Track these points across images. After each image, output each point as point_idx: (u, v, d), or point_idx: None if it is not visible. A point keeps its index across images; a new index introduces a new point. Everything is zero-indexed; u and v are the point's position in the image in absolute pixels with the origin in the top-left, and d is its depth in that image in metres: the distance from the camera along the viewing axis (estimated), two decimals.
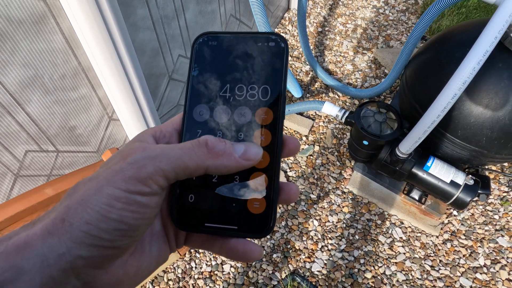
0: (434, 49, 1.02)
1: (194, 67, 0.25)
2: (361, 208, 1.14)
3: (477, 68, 0.76)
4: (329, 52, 1.57)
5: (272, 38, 0.24)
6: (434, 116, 0.83)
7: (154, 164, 0.18)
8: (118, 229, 0.18)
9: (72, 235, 0.17)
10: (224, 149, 0.20)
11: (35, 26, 0.69)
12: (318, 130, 1.31)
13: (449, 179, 1.02)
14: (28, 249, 0.16)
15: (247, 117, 0.23)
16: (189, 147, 0.19)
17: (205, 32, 0.25)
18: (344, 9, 1.76)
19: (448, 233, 1.10)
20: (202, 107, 0.24)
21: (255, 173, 0.23)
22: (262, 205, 0.22)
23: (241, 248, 0.22)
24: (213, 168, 0.20)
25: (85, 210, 0.17)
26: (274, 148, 0.23)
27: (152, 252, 0.22)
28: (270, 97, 0.23)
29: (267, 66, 0.24)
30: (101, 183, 0.18)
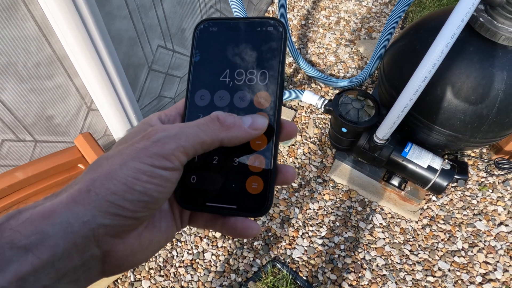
0: (409, 36, 1.04)
1: (196, 53, 0.26)
2: (342, 196, 1.15)
3: (446, 50, 0.78)
4: (312, 44, 1.58)
5: (271, 23, 0.25)
6: (407, 99, 0.85)
7: (175, 141, 0.20)
8: (141, 201, 0.19)
9: (97, 204, 0.18)
10: (234, 122, 0.21)
11: (5, 13, 0.69)
12: (300, 121, 1.32)
13: (426, 164, 1.04)
14: (53, 216, 0.17)
15: (246, 101, 0.24)
16: (203, 123, 0.21)
17: (206, 19, 0.26)
18: (327, 2, 1.78)
19: (427, 218, 1.11)
20: (203, 92, 0.25)
21: (253, 155, 0.24)
22: (260, 186, 0.23)
23: (240, 226, 0.24)
24: (227, 140, 0.22)
25: (112, 182, 0.18)
26: (272, 131, 0.24)
27: (162, 228, 0.23)
28: (268, 81, 0.24)
29: (266, 51, 0.24)
30: (126, 158, 0.19)
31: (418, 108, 0.96)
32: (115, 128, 1.06)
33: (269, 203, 0.23)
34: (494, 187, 1.17)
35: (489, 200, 1.14)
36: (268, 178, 0.23)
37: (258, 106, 0.24)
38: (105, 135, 1.08)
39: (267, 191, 0.23)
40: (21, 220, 0.17)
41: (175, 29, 1.12)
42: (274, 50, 0.24)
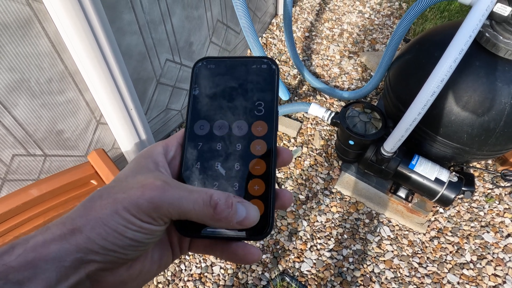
0: (414, 50, 1.05)
1: (195, 87, 0.27)
2: (349, 208, 1.15)
3: (454, 66, 0.79)
4: (316, 56, 1.60)
5: (264, 61, 0.27)
6: (415, 114, 0.86)
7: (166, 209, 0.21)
8: (131, 245, 0.20)
9: (88, 245, 0.19)
10: (227, 216, 0.21)
11: (20, 30, 0.70)
12: (306, 132, 1.32)
13: (433, 177, 1.04)
14: (46, 251, 0.18)
15: (244, 130, 0.25)
16: (199, 204, 0.21)
17: (203, 57, 0.28)
18: (330, 14, 1.80)
19: (435, 231, 1.11)
20: (202, 122, 0.26)
21: (253, 180, 0.24)
22: (261, 209, 0.23)
23: (241, 251, 0.24)
24: (210, 225, 0.23)
25: (102, 227, 0.19)
26: (270, 157, 0.25)
27: (154, 257, 0.24)
28: (264, 111, 0.25)
29: (261, 85, 0.26)
30: (118, 206, 0.20)
31: (425, 121, 0.97)
32: (123, 141, 1.06)
33: (270, 226, 0.23)
34: (501, 198, 1.18)
35: (496, 212, 1.15)
36: (268, 202, 0.24)
37: (256, 134, 0.25)
38: (113, 148, 1.09)
39: (268, 215, 0.23)
40: (15, 255, 0.18)
41: (183, 43, 1.13)
42: (269, 84, 0.26)
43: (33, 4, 0.70)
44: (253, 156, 0.25)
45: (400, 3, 1.86)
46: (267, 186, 0.24)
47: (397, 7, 1.84)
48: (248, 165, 0.25)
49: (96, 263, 0.19)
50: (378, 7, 1.84)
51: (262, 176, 0.24)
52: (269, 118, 0.25)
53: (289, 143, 1.30)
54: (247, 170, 0.24)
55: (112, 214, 0.20)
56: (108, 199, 0.20)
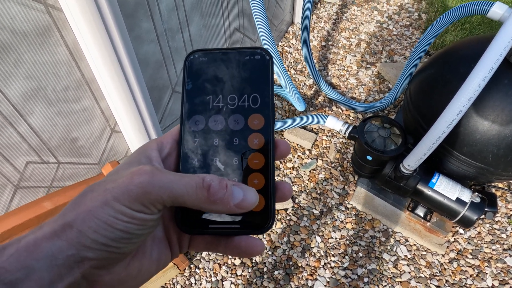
0: (438, 64, 1.02)
1: (188, 81, 0.26)
2: (365, 225, 1.12)
3: (483, 84, 0.75)
4: (332, 66, 1.57)
5: (258, 52, 0.26)
6: (439, 132, 0.82)
7: (157, 193, 0.20)
8: (123, 238, 0.19)
9: (80, 240, 0.18)
10: (222, 197, 0.21)
11: (39, 38, 0.69)
12: (321, 144, 1.30)
13: (455, 197, 1.00)
14: (38, 250, 0.18)
15: (240, 124, 0.25)
16: (192, 187, 0.20)
17: (195, 50, 0.27)
18: (347, 24, 1.77)
19: (454, 252, 1.07)
20: (198, 117, 0.26)
21: (253, 174, 0.24)
22: (261, 203, 0.23)
23: (244, 245, 0.24)
24: (208, 210, 0.22)
25: (93, 220, 0.18)
26: (268, 150, 0.24)
27: (153, 256, 0.23)
28: (260, 104, 0.25)
29: (255, 77, 0.26)
30: (108, 197, 0.19)
31: (448, 139, 0.93)
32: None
33: (271, 219, 0.23)
34: None
35: None
36: (268, 195, 0.24)
37: (252, 127, 0.25)
38: (126, 156, 1.07)
39: (269, 207, 0.24)
40: (6, 256, 0.17)
41: None
42: (263, 76, 0.26)
43: (53, 12, 0.69)
44: (251, 149, 0.24)
45: (419, 13, 1.82)
46: (267, 179, 0.24)
47: (416, 17, 1.81)
48: (246, 159, 0.24)
49: (90, 260, 0.18)
50: (396, 17, 1.81)
51: (261, 169, 0.24)
52: (265, 111, 0.25)
53: (304, 155, 1.27)
54: (245, 164, 0.24)
55: (102, 205, 0.19)
56: (99, 191, 0.20)
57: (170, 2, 0.91)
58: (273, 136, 0.25)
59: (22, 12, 0.64)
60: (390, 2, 1.90)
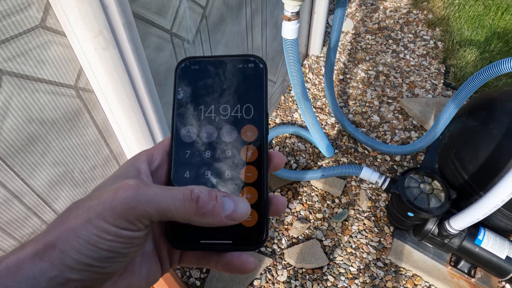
0: (481, 115, 0.97)
1: (178, 91, 0.25)
2: (406, 282, 1.05)
3: None
4: (353, 102, 1.52)
5: (251, 60, 0.25)
6: (498, 200, 0.77)
7: (143, 208, 0.19)
8: (108, 257, 0.18)
9: (63, 261, 0.17)
10: (212, 209, 0.20)
11: (68, 123, 0.62)
12: (350, 191, 1.23)
13: (504, 255, 0.95)
14: (20, 272, 0.17)
15: (233, 135, 0.24)
16: (179, 200, 0.19)
17: (186, 57, 0.26)
18: (363, 54, 1.73)
19: None
20: (189, 128, 0.25)
21: (245, 188, 0.23)
22: (254, 218, 0.23)
23: (236, 261, 0.23)
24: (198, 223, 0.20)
25: (75, 239, 0.18)
26: (262, 163, 0.23)
27: (142, 272, 0.22)
28: (253, 115, 0.24)
29: (249, 86, 0.25)
30: (92, 214, 0.18)
31: None
32: None
33: (265, 234, 0.23)
34: None
35: None
36: (261, 210, 0.23)
37: (245, 139, 0.24)
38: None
39: (262, 222, 0.23)
40: None
41: None
42: (257, 85, 0.24)
43: (83, 95, 0.62)
44: (244, 162, 0.24)
45: (435, 41, 1.79)
46: (260, 193, 0.23)
47: (433, 46, 1.77)
48: (239, 172, 0.24)
49: (74, 281, 0.17)
50: (412, 46, 1.77)
51: (254, 183, 0.23)
52: (259, 122, 0.24)
53: (333, 203, 1.21)
54: (238, 178, 0.23)
55: (85, 224, 0.18)
56: (83, 208, 0.19)
57: None
58: (267, 149, 0.24)
59: (52, 101, 0.57)
60: (404, 29, 1.86)
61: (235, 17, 0.92)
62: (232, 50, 0.96)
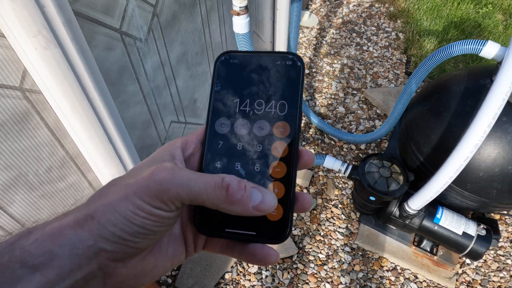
0: (432, 100, 1.01)
1: (217, 83, 0.26)
2: (373, 265, 1.09)
3: (488, 131, 0.74)
4: (319, 95, 1.55)
5: (289, 57, 0.25)
6: (447, 177, 0.81)
7: (176, 191, 0.20)
8: (139, 233, 0.19)
9: (99, 232, 0.19)
10: (241, 198, 0.21)
11: (17, 126, 0.62)
12: (318, 181, 1.26)
13: (461, 231, 0.99)
14: (61, 237, 0.18)
15: (265, 130, 0.24)
16: (211, 186, 0.20)
17: (226, 51, 0.26)
18: (328, 48, 1.77)
19: (464, 284, 1.06)
20: (223, 120, 0.25)
21: (273, 182, 0.24)
22: (279, 213, 0.23)
23: (259, 253, 0.23)
24: (226, 211, 0.21)
25: (112, 214, 0.19)
26: (291, 160, 0.24)
27: (168, 253, 0.23)
28: (287, 111, 0.24)
29: (285, 83, 0.25)
30: (129, 191, 0.20)
31: None
32: None
33: (288, 230, 0.23)
34: None
35: None
36: (287, 205, 0.23)
37: (277, 135, 0.24)
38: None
39: (287, 218, 0.23)
40: (31, 240, 0.18)
41: (187, 102, 1.07)
42: (293, 83, 0.25)
43: (31, 96, 0.62)
44: (273, 158, 0.24)
45: (397, 33, 1.84)
46: (287, 189, 0.23)
47: (394, 37, 1.82)
48: (268, 167, 0.24)
49: (107, 252, 0.19)
50: (375, 38, 1.82)
51: (282, 179, 0.23)
52: (292, 119, 0.24)
53: None
54: (267, 172, 0.24)
55: (122, 199, 0.19)
56: (121, 185, 0.20)
57: (155, 61, 0.85)
58: (298, 146, 0.24)
59: None
60: (367, 23, 1.92)
61: (189, 15, 0.93)
62: (189, 47, 0.97)
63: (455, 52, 0.91)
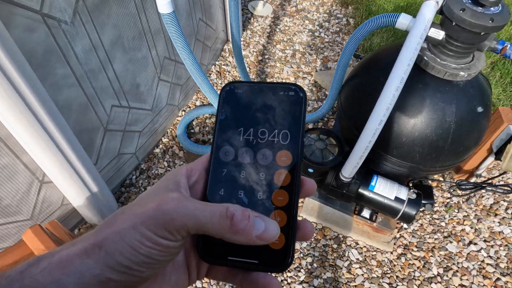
0: (362, 74, 1.07)
1: (221, 111, 0.27)
2: (316, 235, 1.14)
3: (397, 94, 0.80)
4: (271, 79, 1.60)
5: (292, 88, 0.26)
6: (366, 142, 0.86)
7: (182, 221, 0.21)
8: (145, 262, 0.20)
9: (106, 261, 0.19)
10: (244, 228, 0.21)
11: None
12: None
13: (393, 196, 1.06)
14: (68, 266, 0.19)
15: (268, 159, 0.25)
16: (216, 216, 0.21)
17: (232, 81, 0.28)
18: (282, 36, 1.82)
19: (401, 247, 1.13)
20: (228, 148, 0.26)
21: (276, 211, 0.24)
22: (282, 241, 0.23)
23: (261, 281, 0.24)
24: (230, 240, 0.22)
25: (120, 243, 0.19)
26: (293, 188, 0.24)
27: (171, 280, 0.24)
28: (289, 141, 0.25)
29: (287, 113, 0.26)
30: (137, 220, 0.20)
31: (379, 144, 0.98)
32: (73, 197, 1.00)
33: (290, 258, 0.23)
34: (459, 206, 1.21)
35: (456, 221, 1.18)
36: (289, 234, 0.24)
37: (280, 164, 0.25)
38: (62, 205, 1.02)
39: (289, 246, 0.23)
40: (40, 269, 0.19)
41: (129, 86, 1.09)
42: (295, 113, 0.26)
43: None
44: (276, 186, 0.25)
45: (347, 19, 1.91)
46: (289, 217, 0.24)
47: (345, 23, 1.89)
48: (271, 195, 0.24)
49: (112, 281, 0.19)
50: (326, 24, 1.88)
51: (285, 207, 0.24)
52: (294, 148, 0.25)
53: None
54: (269, 201, 0.24)
55: (130, 228, 0.20)
56: (129, 214, 0.21)
57: (86, 44, 0.88)
58: (299, 175, 0.25)
59: None
60: (320, 10, 1.98)
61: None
62: (124, 32, 0.99)
63: (375, 25, 0.97)
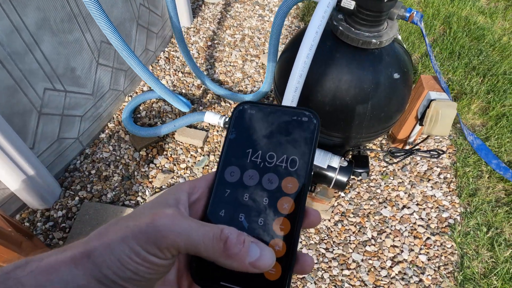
0: (290, 49, 1.11)
1: (232, 131, 0.26)
2: None
3: (308, 61, 0.84)
4: (219, 63, 1.63)
5: (306, 114, 0.26)
6: None
7: (174, 239, 0.20)
8: (132, 279, 0.19)
9: (93, 273, 0.19)
10: (238, 252, 0.20)
11: None
12: (212, 140, 1.34)
13: (326, 165, 1.10)
14: (55, 273, 0.18)
15: (274, 184, 0.24)
16: (209, 237, 0.20)
17: (245, 101, 0.27)
18: (232, 21, 1.85)
19: (338, 215, 1.18)
20: (234, 168, 0.25)
21: (275, 239, 0.23)
22: (278, 272, 0.22)
23: None
24: (222, 264, 0.21)
25: (108, 256, 0.19)
26: (296, 218, 0.23)
27: None
28: (298, 167, 0.24)
29: (299, 139, 0.25)
30: (128, 234, 0.20)
31: None
32: (8, 181, 1.01)
33: None
34: (395, 174, 1.27)
35: (391, 187, 1.24)
36: (287, 265, 0.23)
37: (285, 191, 0.24)
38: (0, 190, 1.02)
39: (285, 278, 0.22)
40: (27, 272, 0.18)
41: (63, 70, 1.10)
42: (307, 140, 0.25)
43: None
44: (279, 214, 0.24)
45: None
46: (289, 248, 0.23)
47: (295, 7, 1.93)
48: (272, 223, 0.23)
49: None
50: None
51: (285, 237, 0.23)
52: (301, 176, 0.24)
53: (197, 153, 1.31)
54: (270, 228, 0.23)
55: (120, 241, 0.19)
56: (121, 226, 0.20)
57: (6, 26, 0.89)
58: (304, 204, 0.24)
59: None
60: None
61: None
62: (50, 14, 1.00)
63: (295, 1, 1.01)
